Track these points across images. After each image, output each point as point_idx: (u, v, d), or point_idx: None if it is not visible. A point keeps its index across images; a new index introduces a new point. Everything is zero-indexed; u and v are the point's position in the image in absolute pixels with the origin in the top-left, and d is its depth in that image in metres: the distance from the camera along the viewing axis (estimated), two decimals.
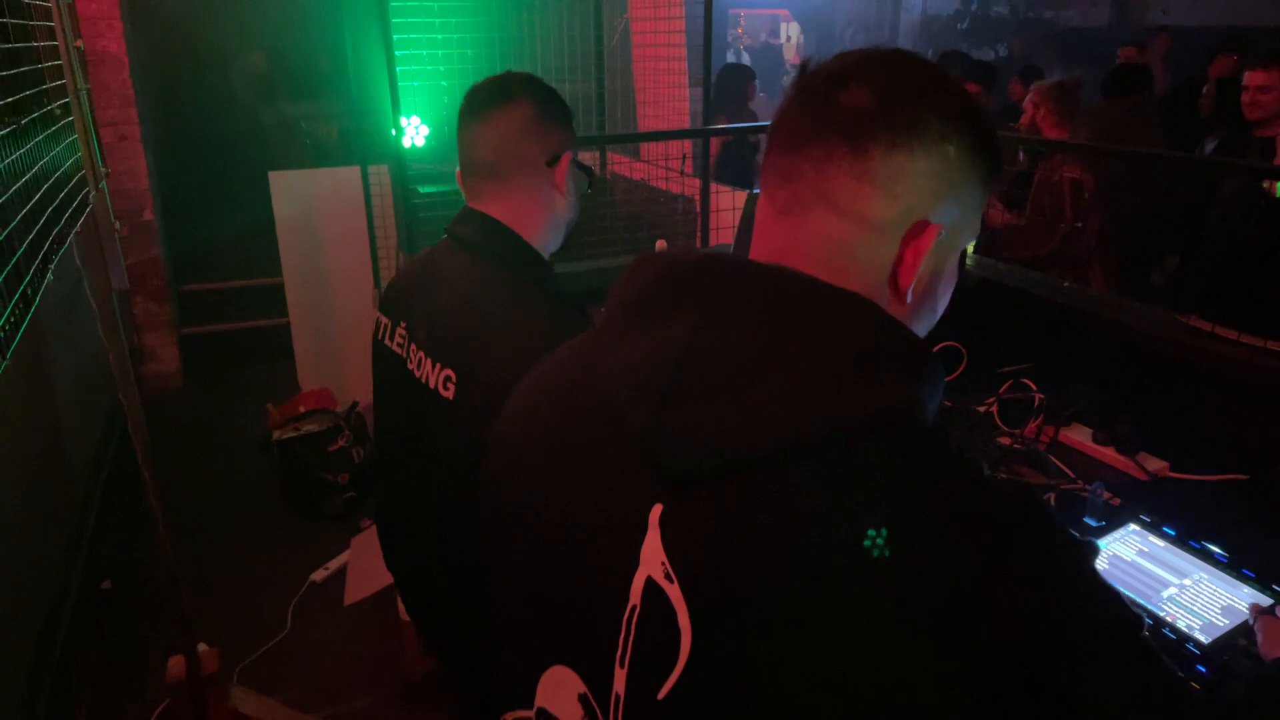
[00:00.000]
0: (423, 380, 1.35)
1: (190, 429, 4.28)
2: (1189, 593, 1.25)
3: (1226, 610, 1.21)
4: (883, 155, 0.69)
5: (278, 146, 5.70)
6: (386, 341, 1.46)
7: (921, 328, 0.77)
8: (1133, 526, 1.39)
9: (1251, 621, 1.16)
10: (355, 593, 2.93)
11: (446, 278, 1.39)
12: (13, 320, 1.13)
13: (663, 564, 0.64)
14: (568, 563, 0.73)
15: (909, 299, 0.72)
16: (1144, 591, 1.27)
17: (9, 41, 1.36)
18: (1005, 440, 1.75)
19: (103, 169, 1.60)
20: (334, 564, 3.18)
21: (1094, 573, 0.63)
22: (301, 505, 3.55)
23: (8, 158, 1.23)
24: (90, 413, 3.73)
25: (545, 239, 1.43)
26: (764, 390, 0.62)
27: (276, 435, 3.67)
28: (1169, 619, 1.21)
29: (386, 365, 1.47)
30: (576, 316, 1.33)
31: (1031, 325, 2.09)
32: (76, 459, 3.39)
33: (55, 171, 1.46)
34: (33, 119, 1.36)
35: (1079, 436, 1.75)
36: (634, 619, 0.66)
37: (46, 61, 1.52)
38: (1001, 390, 1.83)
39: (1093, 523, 1.42)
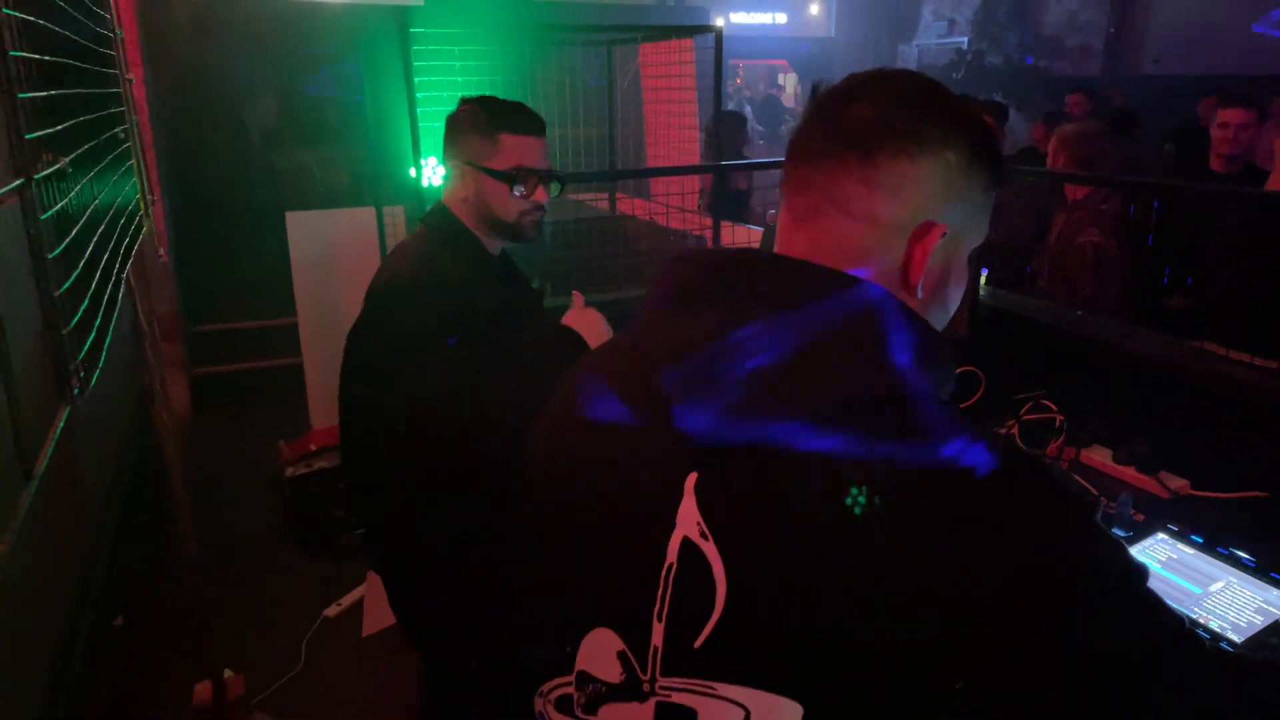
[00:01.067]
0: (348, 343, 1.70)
1: (200, 468, 4.27)
2: (1219, 596, 1.28)
3: (1258, 611, 1.23)
4: (888, 163, 0.76)
5: (290, 190, 5.79)
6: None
7: (935, 321, 0.83)
8: (1161, 535, 1.42)
9: None
10: (374, 624, 2.92)
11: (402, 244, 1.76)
12: (98, 333, 1.17)
13: (698, 524, 0.71)
14: (609, 531, 0.79)
15: (920, 294, 0.79)
16: (1175, 596, 1.29)
17: (92, 65, 1.44)
18: None
19: (150, 196, 1.65)
20: (347, 600, 3.17)
21: (1094, 523, 0.69)
22: (313, 541, 3.55)
23: (91, 174, 1.30)
24: (105, 446, 3.74)
25: (478, 224, 1.72)
26: (789, 369, 0.70)
27: (289, 472, 3.68)
28: (1201, 620, 1.23)
29: None
30: (471, 272, 1.65)
31: (1046, 353, 2.13)
32: (91, 491, 3.39)
33: (119, 195, 1.52)
34: (105, 139, 1.43)
35: (1099, 457, 1.78)
36: (671, 576, 0.72)
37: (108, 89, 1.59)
38: (1022, 412, 1.87)
39: (1121, 533, 1.45)
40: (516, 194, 1.67)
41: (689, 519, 0.71)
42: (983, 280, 2.41)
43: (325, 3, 5.61)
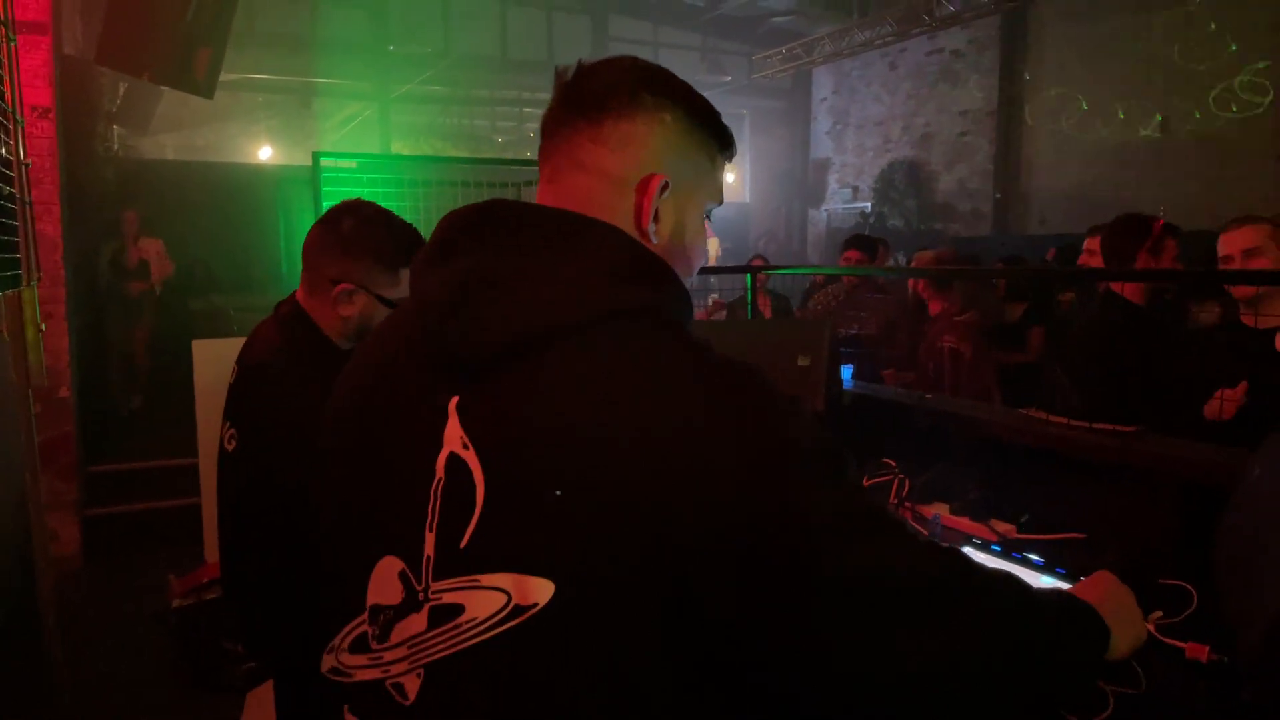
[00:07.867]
0: (223, 445, 1.50)
1: (86, 610, 4.09)
2: None
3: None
4: (613, 124, 0.88)
5: (205, 334, 5.81)
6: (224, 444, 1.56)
7: (680, 271, 0.92)
8: (966, 548, 1.52)
9: None
10: None
11: (254, 345, 1.58)
12: None
13: (460, 438, 0.78)
14: (387, 467, 0.84)
15: (655, 239, 0.90)
16: None
17: None
18: None
19: (36, 272, 1.73)
20: None
21: (804, 413, 0.79)
22: (200, 676, 3.39)
23: None
24: None
25: (343, 339, 1.58)
26: (530, 294, 0.79)
27: (176, 604, 3.55)
28: None
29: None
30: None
31: (900, 428, 2.27)
32: None
33: None
34: None
35: (938, 510, 1.88)
36: (440, 489, 0.78)
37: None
38: (872, 468, 1.98)
39: None
40: None
41: (453, 435, 0.78)
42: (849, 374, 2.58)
43: (249, 164, 5.88)
